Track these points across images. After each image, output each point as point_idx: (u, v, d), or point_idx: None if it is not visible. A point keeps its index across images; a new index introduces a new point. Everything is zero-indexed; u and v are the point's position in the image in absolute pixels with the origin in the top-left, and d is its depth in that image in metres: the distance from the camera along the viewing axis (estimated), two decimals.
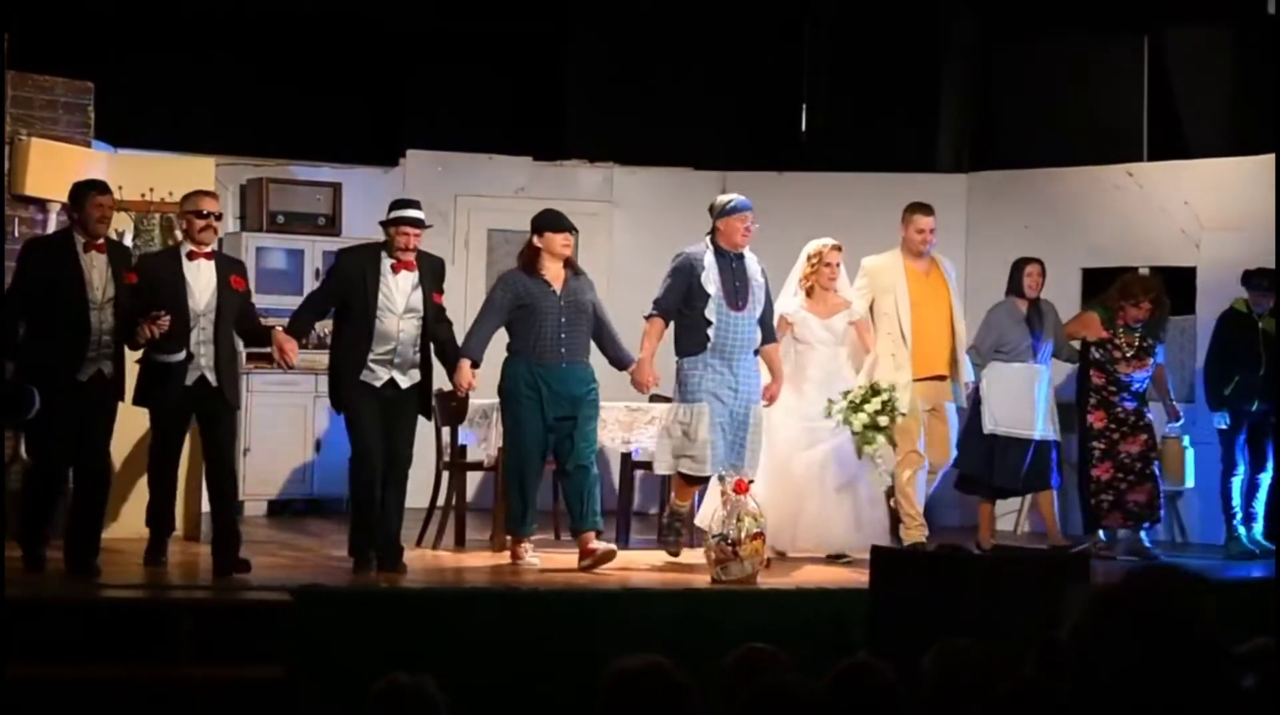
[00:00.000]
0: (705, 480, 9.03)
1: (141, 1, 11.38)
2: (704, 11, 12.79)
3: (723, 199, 9.13)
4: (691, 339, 8.94)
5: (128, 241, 9.63)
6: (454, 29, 12.41)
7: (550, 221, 8.88)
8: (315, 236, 11.70)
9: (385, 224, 8.43)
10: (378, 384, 8.30)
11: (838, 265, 9.46)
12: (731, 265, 8.95)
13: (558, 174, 12.55)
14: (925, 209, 9.71)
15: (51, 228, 9.37)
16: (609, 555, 8.56)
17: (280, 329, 8.37)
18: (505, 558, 9.07)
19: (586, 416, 8.80)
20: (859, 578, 7.67)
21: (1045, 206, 11.75)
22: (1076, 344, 10.21)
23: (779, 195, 11.96)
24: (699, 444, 8.82)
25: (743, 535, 8.26)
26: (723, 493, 8.61)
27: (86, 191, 8.11)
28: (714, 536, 8.33)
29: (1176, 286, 11.06)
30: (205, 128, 11.42)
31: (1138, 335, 10.03)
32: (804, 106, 12.33)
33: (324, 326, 11.80)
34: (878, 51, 12.56)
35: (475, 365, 8.63)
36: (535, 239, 8.85)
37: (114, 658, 7.09)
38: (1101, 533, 10.01)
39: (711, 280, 8.88)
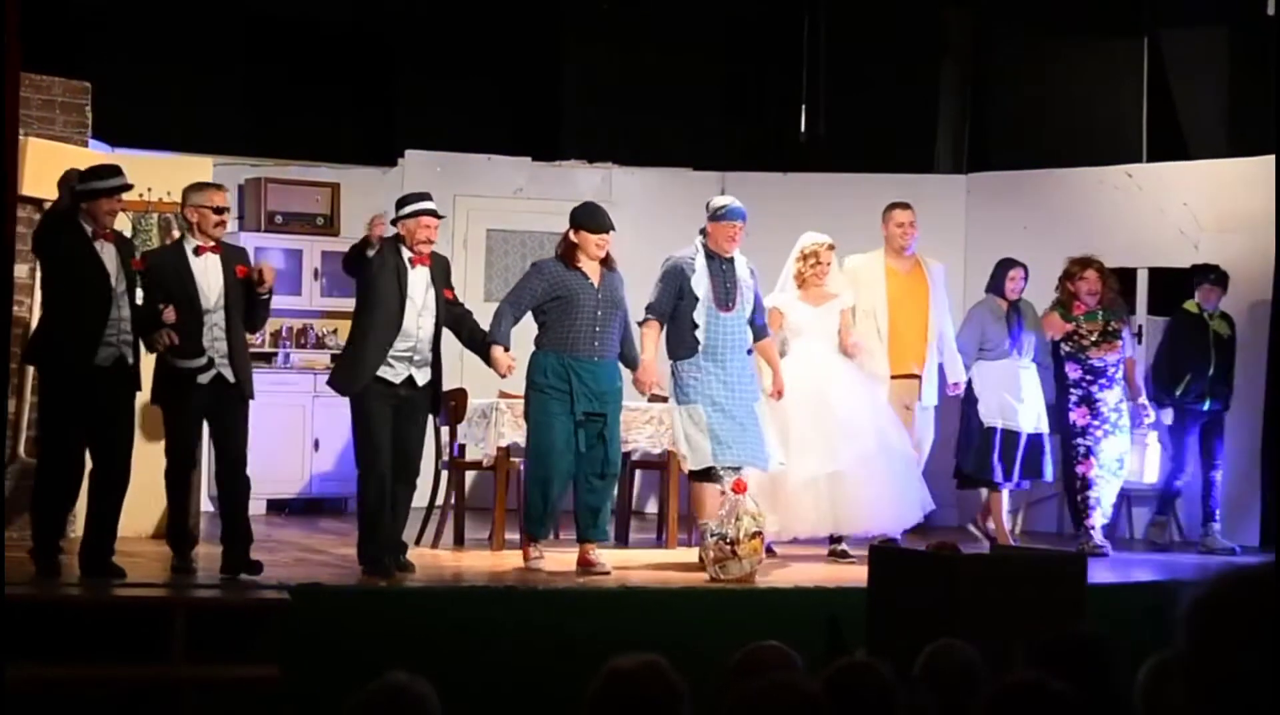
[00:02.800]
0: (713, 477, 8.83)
1: (139, 1, 11.37)
2: (703, 12, 12.79)
3: (718, 203, 9.12)
4: (682, 342, 8.97)
5: None
6: (452, 29, 12.41)
7: (587, 219, 8.70)
8: (314, 236, 11.71)
9: (404, 218, 8.20)
10: (397, 381, 8.12)
11: (829, 263, 9.52)
12: (721, 267, 8.98)
13: (556, 174, 12.55)
14: (902, 204, 9.92)
15: None
16: (604, 575, 8.45)
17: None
18: (503, 556, 9.07)
19: (614, 415, 8.69)
20: (857, 577, 7.67)
21: (1044, 207, 11.75)
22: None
23: (778, 196, 11.96)
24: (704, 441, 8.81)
25: (741, 534, 8.27)
26: (721, 492, 8.61)
27: (105, 189, 7.81)
28: (712, 535, 8.34)
29: (1174, 287, 11.08)
30: (203, 127, 11.42)
31: (1100, 320, 10.12)
32: (803, 107, 12.32)
33: (325, 326, 11.88)
34: (877, 53, 12.56)
35: (506, 350, 8.52)
36: (572, 233, 8.69)
37: (110, 658, 7.07)
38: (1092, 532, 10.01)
39: (701, 283, 8.91)
